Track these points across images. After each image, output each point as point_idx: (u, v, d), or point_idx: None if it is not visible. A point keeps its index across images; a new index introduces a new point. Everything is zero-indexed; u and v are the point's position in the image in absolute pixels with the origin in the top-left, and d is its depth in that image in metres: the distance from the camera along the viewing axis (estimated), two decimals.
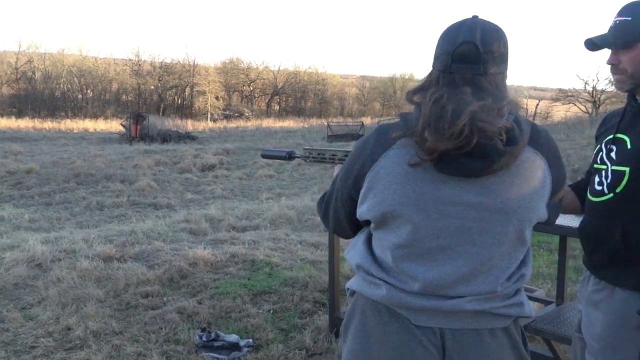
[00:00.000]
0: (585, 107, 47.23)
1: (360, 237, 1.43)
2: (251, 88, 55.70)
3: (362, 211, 1.34)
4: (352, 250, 1.44)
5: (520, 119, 1.26)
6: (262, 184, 14.80)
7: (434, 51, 1.33)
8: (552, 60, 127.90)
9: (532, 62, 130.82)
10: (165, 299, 4.08)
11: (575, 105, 47.38)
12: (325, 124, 35.52)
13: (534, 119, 48.33)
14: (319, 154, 1.93)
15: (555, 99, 50.48)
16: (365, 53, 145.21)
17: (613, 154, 1.62)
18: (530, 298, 3.89)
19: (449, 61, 1.26)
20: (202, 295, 4.13)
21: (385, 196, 1.27)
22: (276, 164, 18.28)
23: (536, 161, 1.26)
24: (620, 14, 1.62)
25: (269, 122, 41.64)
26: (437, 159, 1.20)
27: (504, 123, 1.21)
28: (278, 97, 56.90)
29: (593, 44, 1.62)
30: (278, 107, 56.99)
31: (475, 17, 1.31)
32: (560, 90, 51.00)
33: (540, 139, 1.30)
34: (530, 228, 1.31)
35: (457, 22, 1.31)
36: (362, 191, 1.32)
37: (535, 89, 78.29)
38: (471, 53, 1.25)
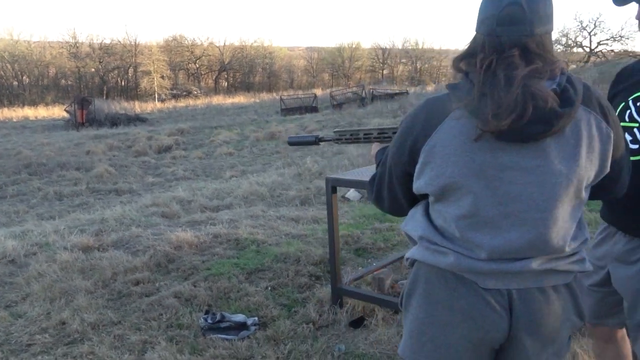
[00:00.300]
0: None
1: (418, 209, 1.43)
2: (197, 65, 54.31)
3: (420, 185, 1.33)
4: (411, 222, 1.44)
5: (573, 78, 1.26)
6: (223, 162, 14.60)
7: (477, 14, 1.30)
8: None
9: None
10: (157, 284, 3.99)
11: None
12: (277, 97, 35.23)
13: None
14: (351, 135, 1.89)
15: None
16: (310, 24, 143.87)
17: None
18: None
19: (494, 24, 1.24)
20: (195, 277, 4.06)
21: (444, 169, 1.26)
22: (234, 142, 18.05)
23: (590, 119, 1.27)
24: None
25: (218, 99, 40.87)
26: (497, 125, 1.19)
27: (558, 83, 1.22)
28: (226, 73, 55.77)
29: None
30: (226, 84, 55.89)
31: None
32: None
33: (592, 96, 1.30)
34: (589, 187, 1.33)
35: None
36: (417, 166, 1.32)
37: None
38: (517, 14, 1.22)
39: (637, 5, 1.65)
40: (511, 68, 1.19)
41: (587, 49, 45.59)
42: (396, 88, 37.04)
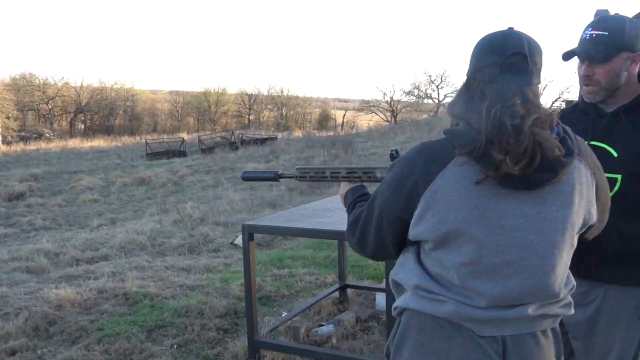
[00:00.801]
0: (385, 115, 51.99)
1: (409, 257, 1.38)
2: (50, 106, 50.50)
3: (419, 232, 1.29)
4: (402, 270, 1.38)
5: (566, 128, 1.31)
6: (88, 209, 13.51)
7: (471, 62, 1.30)
8: (354, 72, 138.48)
9: (336, 75, 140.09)
10: (39, 352, 3.48)
11: (377, 114, 51.89)
12: (140, 141, 33.76)
13: (342, 128, 51.76)
14: (317, 173, 1.80)
15: (359, 109, 54.74)
16: (174, 68, 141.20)
17: None
18: None
19: (497, 72, 1.25)
20: (86, 340, 3.61)
21: (447, 215, 1.23)
22: (98, 187, 16.86)
23: (581, 168, 1.32)
24: (595, 27, 1.70)
25: (75, 143, 38.16)
26: (501, 172, 1.19)
27: (557, 132, 1.27)
28: (83, 115, 52.46)
29: (570, 55, 1.76)
30: (83, 126, 52.53)
31: (513, 28, 1.32)
32: (363, 101, 55.46)
33: (582, 147, 1.36)
34: (578, 234, 1.36)
35: (498, 34, 1.30)
36: (417, 212, 1.28)
37: (339, 100, 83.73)
38: (521, 64, 1.25)
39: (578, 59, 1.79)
40: (516, 116, 1.20)
41: (436, 100, 50.17)
42: (264, 133, 37.48)
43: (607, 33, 1.69)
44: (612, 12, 1.80)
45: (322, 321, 3.90)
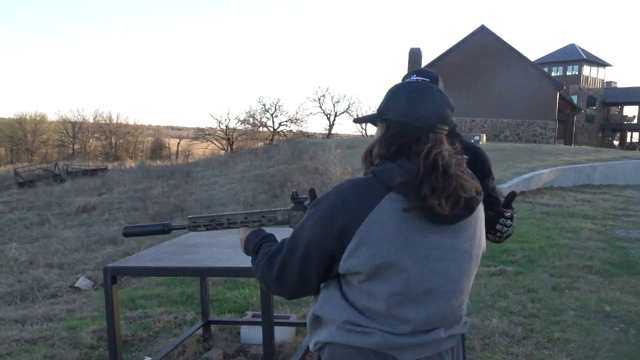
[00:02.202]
0: (221, 143, 51.75)
1: (333, 292, 1.42)
2: None
3: (352, 265, 1.34)
4: (328, 305, 1.41)
5: (468, 170, 1.47)
6: None
7: (408, 110, 1.39)
8: (186, 99, 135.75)
9: (167, 102, 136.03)
10: None
11: (213, 142, 51.48)
12: None
13: (177, 157, 50.37)
14: (211, 221, 1.77)
15: (195, 137, 53.80)
16: None
17: None
18: (288, 323, 4.20)
19: (435, 122, 1.38)
20: None
21: (380, 248, 1.31)
22: None
23: (480, 204, 1.49)
24: (419, 74, 2.14)
25: None
26: (428, 209, 1.31)
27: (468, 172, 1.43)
28: None
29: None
30: None
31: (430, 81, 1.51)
32: (198, 129, 54.66)
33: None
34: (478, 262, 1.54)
35: (425, 88, 1.43)
36: (350, 246, 1.33)
37: (172, 128, 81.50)
38: (448, 114, 1.43)
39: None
40: (445, 158, 1.35)
41: (272, 129, 51.32)
42: (92, 164, 34.99)
43: (429, 79, 2.06)
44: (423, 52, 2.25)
45: None
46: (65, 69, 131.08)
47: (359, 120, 1.71)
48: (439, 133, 1.39)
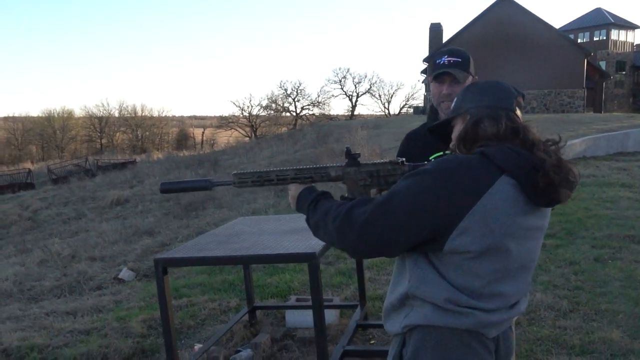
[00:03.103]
0: (245, 131, 52.00)
1: (427, 270, 1.41)
2: None
3: (461, 243, 1.34)
4: (425, 285, 1.40)
5: None
6: None
7: (493, 99, 1.48)
8: (208, 88, 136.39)
9: (189, 92, 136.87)
10: None
11: (237, 130, 51.74)
12: None
13: (202, 146, 50.82)
14: (259, 177, 1.74)
15: (218, 126, 54.16)
16: (5, 90, 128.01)
17: None
18: (332, 306, 4.24)
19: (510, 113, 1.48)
20: None
21: (492, 230, 1.35)
22: None
23: None
24: (450, 55, 2.19)
25: None
26: (537, 194, 1.36)
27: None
28: None
29: (441, 75, 2.18)
30: None
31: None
32: (221, 117, 54.97)
33: None
34: None
35: (500, 83, 1.53)
36: (461, 224, 1.33)
37: (196, 117, 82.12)
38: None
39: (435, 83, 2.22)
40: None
41: (294, 114, 51.32)
42: (121, 157, 35.55)
43: (460, 59, 2.16)
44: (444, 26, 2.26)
45: (238, 347, 3.83)
46: (88, 63, 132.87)
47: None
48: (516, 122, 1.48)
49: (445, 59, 2.18)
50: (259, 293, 4.97)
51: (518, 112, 1.47)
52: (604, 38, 43.60)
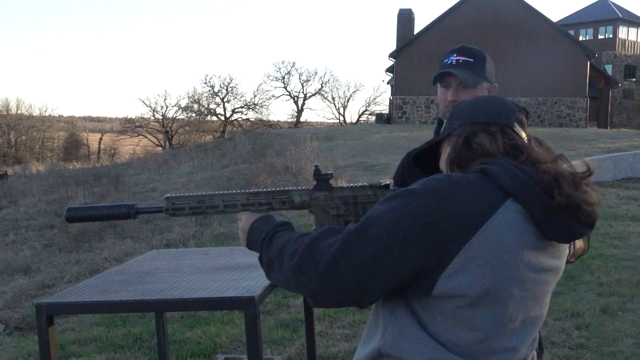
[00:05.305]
0: (157, 138, 51.37)
1: (407, 321, 1.41)
2: None
3: (456, 285, 1.34)
4: (404, 341, 1.40)
5: None
6: None
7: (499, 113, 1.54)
8: (108, 82, 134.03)
9: (83, 86, 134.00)
10: None
11: (146, 137, 51.05)
12: None
13: (98, 157, 49.80)
14: (201, 202, 1.72)
15: (121, 131, 53.29)
16: None
17: None
18: None
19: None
20: None
21: (495, 268, 1.35)
22: None
23: None
24: (460, 53, 2.23)
25: None
26: (551, 224, 1.38)
27: None
28: None
29: (441, 77, 2.23)
30: None
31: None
32: (126, 119, 54.13)
33: None
34: None
35: (496, 97, 1.62)
36: (455, 261, 1.33)
37: (91, 119, 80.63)
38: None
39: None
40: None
41: (222, 118, 51.18)
42: None
43: (472, 60, 2.20)
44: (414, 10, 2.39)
45: None
46: None
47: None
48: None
49: (454, 57, 2.24)
50: (174, 351, 4.88)
51: (519, 130, 1.51)
52: (611, 36, 45.72)
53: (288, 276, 1.46)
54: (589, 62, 32.14)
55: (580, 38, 42.48)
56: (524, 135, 1.51)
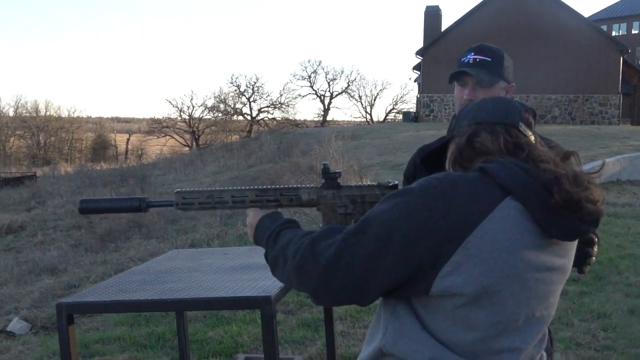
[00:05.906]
0: (183, 138, 51.79)
1: (408, 320, 1.43)
2: None
3: (453, 284, 1.35)
4: (405, 340, 1.42)
5: None
6: None
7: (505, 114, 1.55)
8: (136, 82, 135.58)
9: (111, 87, 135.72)
10: None
11: (173, 137, 51.49)
12: None
13: (126, 158, 50.38)
14: (209, 197, 1.76)
15: (149, 132, 53.88)
16: None
17: None
18: None
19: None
20: None
21: (492, 267, 1.35)
22: None
23: None
24: (478, 52, 2.26)
25: None
26: (551, 221, 1.38)
27: None
28: None
29: (458, 75, 2.26)
30: None
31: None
32: (153, 120, 54.67)
33: None
34: None
35: (502, 97, 1.71)
36: (453, 258, 1.35)
37: (119, 120, 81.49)
38: None
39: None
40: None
41: (249, 117, 51.40)
42: (16, 170, 34.97)
43: (489, 59, 2.23)
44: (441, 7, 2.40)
45: None
46: None
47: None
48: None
49: (471, 56, 2.28)
50: (196, 350, 4.94)
51: (525, 130, 1.51)
52: None
53: (290, 274, 1.49)
54: (621, 58, 31.67)
55: (613, 33, 41.94)
56: (530, 135, 1.51)
